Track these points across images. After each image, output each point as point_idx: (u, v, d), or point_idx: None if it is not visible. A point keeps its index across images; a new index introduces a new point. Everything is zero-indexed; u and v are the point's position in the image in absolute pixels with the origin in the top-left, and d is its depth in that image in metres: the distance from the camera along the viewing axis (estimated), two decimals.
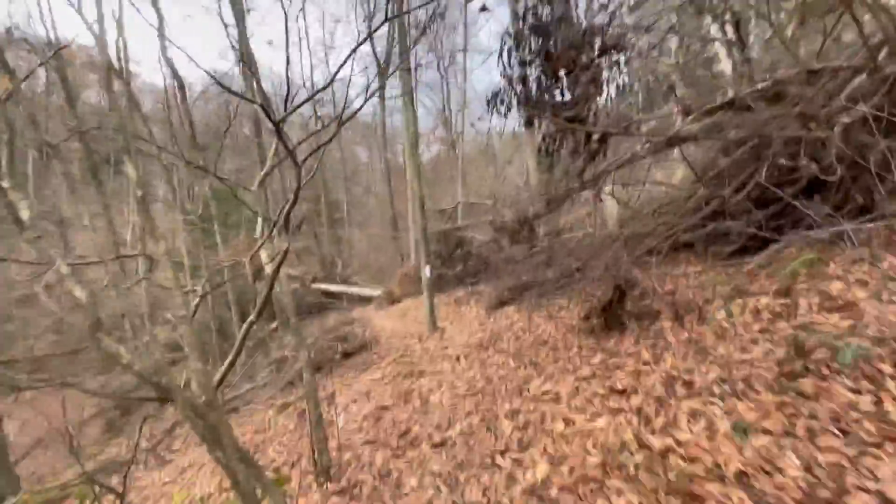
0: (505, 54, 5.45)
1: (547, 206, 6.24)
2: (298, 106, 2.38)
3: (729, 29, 6.89)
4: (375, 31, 2.34)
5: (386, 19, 2.73)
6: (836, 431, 2.14)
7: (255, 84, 3.44)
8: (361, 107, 2.58)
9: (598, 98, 4.95)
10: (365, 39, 2.16)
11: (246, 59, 7.80)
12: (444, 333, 8.16)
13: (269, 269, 4.26)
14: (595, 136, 4.93)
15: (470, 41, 23.73)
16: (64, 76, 13.72)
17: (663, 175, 8.44)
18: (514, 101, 5.31)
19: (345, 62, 1.99)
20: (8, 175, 2.07)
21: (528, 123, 5.65)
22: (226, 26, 11.31)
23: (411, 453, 3.87)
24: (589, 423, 3.11)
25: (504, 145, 24.76)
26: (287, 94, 2.03)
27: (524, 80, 5.18)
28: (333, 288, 18.66)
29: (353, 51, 2.06)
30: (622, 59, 4.90)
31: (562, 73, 4.92)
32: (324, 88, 2.34)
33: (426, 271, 8.19)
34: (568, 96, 5.02)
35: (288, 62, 2.01)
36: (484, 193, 14.65)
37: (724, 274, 4.99)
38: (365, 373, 7.21)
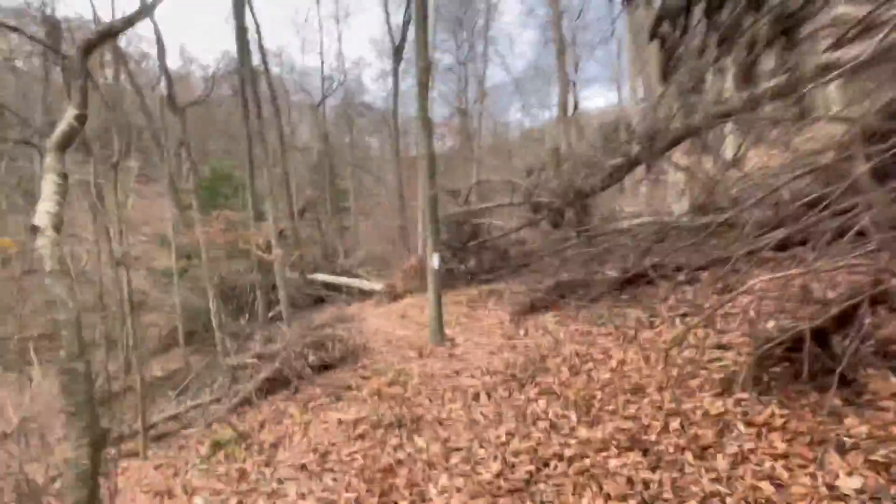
0: None
1: (647, 148, 3.57)
2: None
3: None
4: None
5: None
6: None
7: None
8: None
9: None
10: None
11: None
12: (453, 347, 5.52)
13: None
14: None
15: (491, 27, 21.02)
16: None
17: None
18: None
19: None
20: None
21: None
22: None
23: None
24: None
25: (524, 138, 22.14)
26: None
27: None
28: (332, 279, 16.13)
29: None
30: None
31: None
32: None
33: (433, 260, 5.55)
34: None
35: None
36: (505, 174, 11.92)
37: None
38: (338, 404, 4.58)
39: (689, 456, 2.05)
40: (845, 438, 1.77)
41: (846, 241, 3.20)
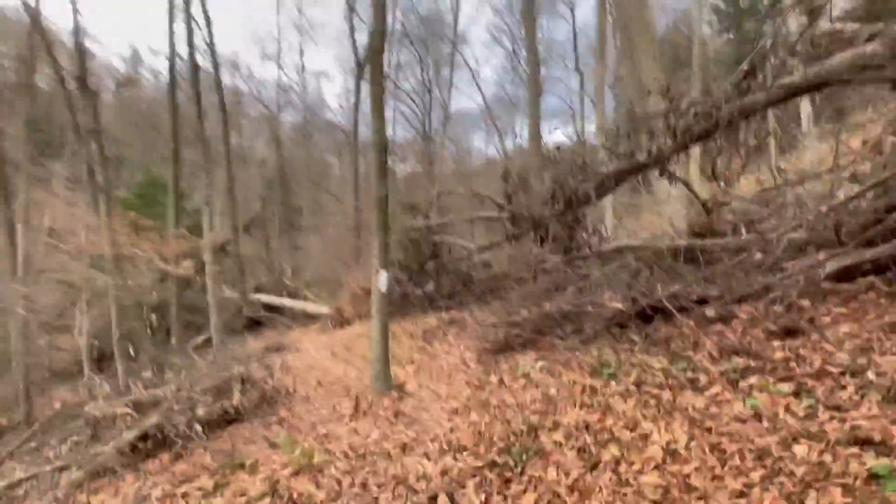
0: None
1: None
2: None
3: None
4: None
5: None
6: None
7: None
8: None
9: None
10: None
11: None
12: (402, 398, 3.95)
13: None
14: None
15: (458, 55, 20.28)
16: None
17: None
18: None
19: None
20: None
21: None
22: None
23: None
24: None
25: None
26: None
27: None
28: (275, 301, 14.06)
29: None
30: None
31: None
32: None
33: (381, 280, 4.02)
34: None
35: None
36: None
37: None
38: (215, 498, 2.86)
39: None
40: None
41: None
